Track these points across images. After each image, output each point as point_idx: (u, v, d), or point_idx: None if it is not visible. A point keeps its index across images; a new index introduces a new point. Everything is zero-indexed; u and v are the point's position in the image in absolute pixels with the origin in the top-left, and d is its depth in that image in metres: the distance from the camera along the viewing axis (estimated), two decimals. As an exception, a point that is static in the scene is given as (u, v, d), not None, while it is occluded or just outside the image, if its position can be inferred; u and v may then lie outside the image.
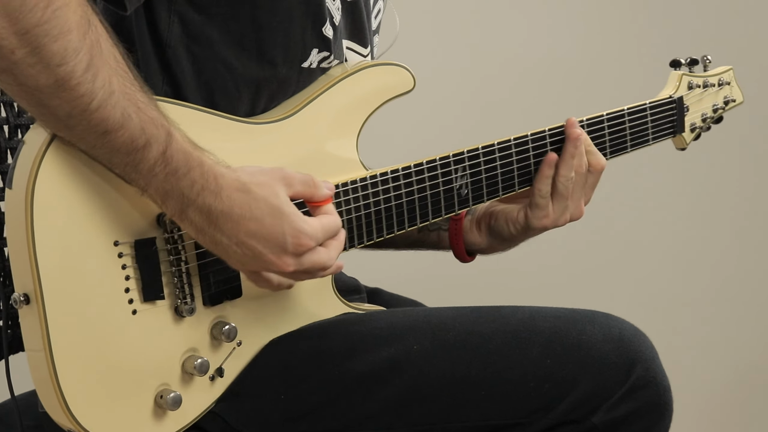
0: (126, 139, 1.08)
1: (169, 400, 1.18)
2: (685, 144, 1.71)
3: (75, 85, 1.04)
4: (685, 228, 2.87)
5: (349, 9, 1.39)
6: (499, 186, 1.45)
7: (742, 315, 2.93)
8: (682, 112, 1.68)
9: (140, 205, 1.16)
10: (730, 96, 1.77)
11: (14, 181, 1.10)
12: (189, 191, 1.12)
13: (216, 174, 1.13)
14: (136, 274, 1.15)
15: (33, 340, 1.12)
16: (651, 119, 1.62)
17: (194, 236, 1.16)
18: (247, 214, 1.14)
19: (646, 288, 2.84)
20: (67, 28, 1.02)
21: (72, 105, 1.05)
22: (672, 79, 1.69)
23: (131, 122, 1.08)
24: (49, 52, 1.02)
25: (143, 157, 1.09)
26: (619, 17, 2.74)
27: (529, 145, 1.46)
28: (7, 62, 1.01)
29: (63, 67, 1.03)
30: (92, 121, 1.06)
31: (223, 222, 1.13)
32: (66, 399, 1.12)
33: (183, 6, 1.24)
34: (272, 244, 1.15)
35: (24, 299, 1.11)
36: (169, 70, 1.27)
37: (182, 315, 1.19)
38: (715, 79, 1.73)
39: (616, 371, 1.25)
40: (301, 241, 1.16)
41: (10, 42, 1.00)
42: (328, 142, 1.33)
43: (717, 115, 1.75)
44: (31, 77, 1.02)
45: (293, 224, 1.16)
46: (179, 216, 1.13)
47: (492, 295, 1.83)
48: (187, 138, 1.13)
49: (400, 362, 1.27)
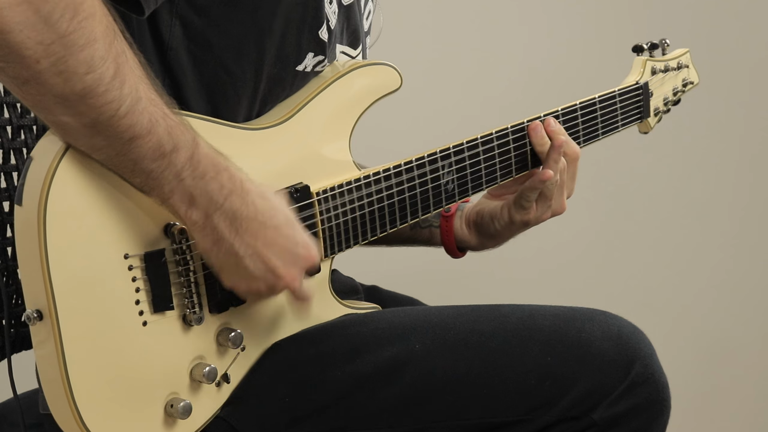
0: (153, 145, 1.08)
1: (180, 408, 1.18)
2: (649, 128, 1.74)
3: (103, 92, 1.04)
4: (682, 227, 2.90)
5: (345, 13, 1.39)
6: (482, 180, 1.47)
7: (739, 313, 2.97)
8: (648, 97, 1.71)
9: (148, 218, 1.16)
10: (688, 78, 1.81)
11: (24, 197, 1.10)
12: (217, 195, 1.13)
13: (241, 179, 1.15)
14: (146, 286, 1.16)
15: (46, 355, 1.12)
16: (620, 106, 1.64)
17: (209, 247, 1.16)
18: (268, 221, 1.16)
19: (643, 286, 2.88)
20: (93, 38, 1.02)
21: (99, 111, 1.05)
22: (636, 65, 1.72)
23: (159, 127, 1.08)
24: (76, 60, 1.02)
25: (171, 161, 1.10)
26: (619, 18, 2.75)
27: (509, 137, 1.48)
28: (32, 72, 1.01)
29: (91, 74, 1.03)
30: (120, 127, 1.06)
31: (245, 228, 1.14)
32: (81, 413, 1.12)
33: (184, 9, 1.24)
34: (286, 255, 1.17)
35: (37, 315, 1.10)
36: (170, 72, 1.26)
37: (190, 324, 1.20)
38: (674, 62, 1.76)
39: (615, 368, 1.28)
40: (311, 254, 1.19)
41: (34, 52, 1.00)
42: (322, 144, 1.34)
43: (676, 97, 1.79)
44: (56, 86, 1.02)
45: (305, 236, 1.19)
46: (203, 222, 1.13)
47: (491, 294, 1.85)
48: (209, 144, 1.14)
49: (402, 362, 1.28)
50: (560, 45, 2.71)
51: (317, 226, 1.29)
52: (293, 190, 1.27)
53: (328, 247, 1.32)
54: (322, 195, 1.30)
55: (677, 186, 2.85)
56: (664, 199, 2.86)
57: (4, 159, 1.41)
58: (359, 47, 1.45)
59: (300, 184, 1.29)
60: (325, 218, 1.31)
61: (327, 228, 1.31)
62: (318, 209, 1.30)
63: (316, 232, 1.29)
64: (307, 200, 1.29)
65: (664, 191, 2.85)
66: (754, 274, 2.97)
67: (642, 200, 2.83)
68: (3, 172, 1.41)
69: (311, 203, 1.29)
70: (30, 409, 1.35)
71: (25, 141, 1.43)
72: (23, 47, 0.99)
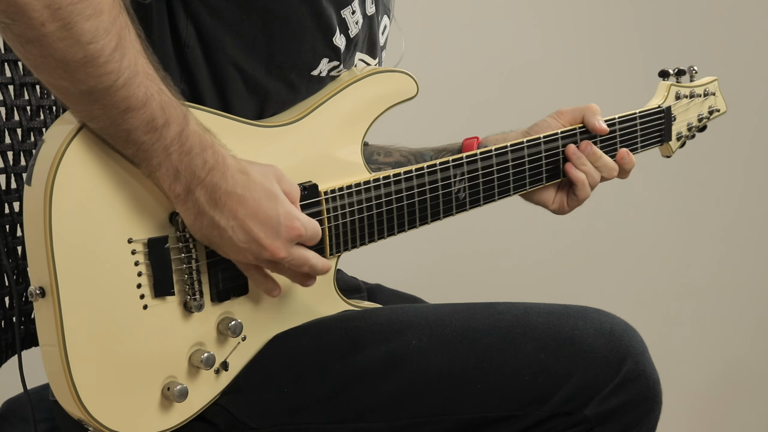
0: (147, 118, 1.12)
1: (176, 392, 1.21)
2: (671, 152, 1.75)
3: (103, 63, 1.08)
4: (673, 226, 2.92)
5: (368, 22, 1.43)
6: (495, 191, 1.49)
7: (729, 310, 2.98)
8: (670, 122, 1.72)
9: (154, 205, 1.19)
10: (715, 106, 1.81)
11: (33, 178, 1.13)
12: (200, 170, 1.16)
13: (223, 155, 1.18)
14: (148, 271, 1.19)
15: (47, 331, 1.15)
16: (640, 128, 1.66)
17: (191, 222, 1.19)
18: (246, 194, 1.19)
19: (635, 284, 2.89)
20: (99, 10, 1.07)
21: (97, 80, 1.09)
22: (660, 89, 1.74)
23: (153, 101, 1.12)
24: (81, 29, 1.06)
25: (161, 135, 1.14)
26: (614, 23, 2.79)
27: (524, 152, 1.51)
28: (36, 33, 1.05)
29: (93, 44, 1.07)
30: (117, 97, 1.10)
31: (225, 200, 1.18)
32: (77, 389, 1.15)
33: (197, 9, 1.28)
34: (267, 227, 1.20)
35: (40, 292, 1.14)
36: (187, 69, 1.30)
37: (191, 310, 1.23)
38: (701, 89, 1.78)
39: (607, 365, 1.29)
40: (293, 224, 1.21)
41: (41, 14, 1.04)
42: (334, 145, 1.37)
43: (702, 124, 1.80)
44: (59, 50, 1.06)
45: (287, 208, 1.21)
46: (184, 196, 1.17)
47: (487, 293, 1.87)
48: (198, 121, 1.18)
49: (399, 357, 1.30)
50: (562, 49, 2.75)
51: (323, 224, 1.32)
52: (302, 188, 1.29)
53: (333, 246, 1.34)
54: (329, 194, 1.33)
55: (670, 186, 2.87)
56: (656, 199, 2.88)
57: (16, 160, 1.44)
58: (377, 59, 1.49)
59: (309, 182, 1.31)
60: (331, 216, 1.33)
61: (333, 226, 1.33)
62: (325, 207, 1.32)
63: (322, 230, 1.31)
64: (314, 198, 1.31)
65: (657, 191, 2.87)
66: (746, 272, 2.98)
67: (636, 200, 2.85)
68: (14, 173, 1.45)
69: (318, 201, 1.32)
70: (39, 404, 1.39)
71: (45, 121, 1.47)
72: (30, 8, 1.03)
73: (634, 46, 2.58)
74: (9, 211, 1.44)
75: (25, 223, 1.15)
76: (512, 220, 2.45)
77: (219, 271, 1.25)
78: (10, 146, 1.44)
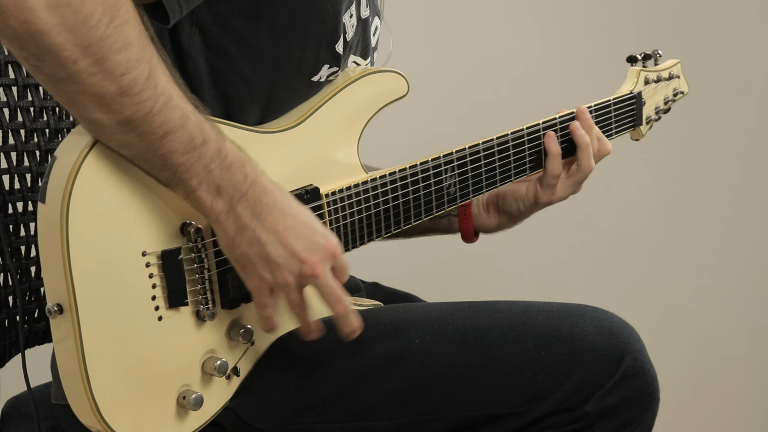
0: (185, 139, 1.12)
1: (191, 400, 1.22)
2: (641, 135, 1.80)
3: (138, 92, 1.07)
4: (670, 226, 2.96)
5: (362, 25, 1.43)
6: (483, 183, 1.52)
7: (727, 308, 3.03)
8: (641, 106, 1.77)
9: (165, 217, 1.19)
10: (679, 88, 1.86)
11: (48, 195, 1.13)
12: (241, 184, 1.16)
13: (260, 170, 1.19)
14: (162, 283, 1.19)
15: (65, 348, 1.15)
16: (614, 114, 1.70)
17: (231, 237, 1.18)
18: (287, 209, 1.19)
19: (634, 283, 2.93)
20: (128, 42, 1.06)
21: (135, 109, 1.08)
22: (630, 75, 1.78)
23: (190, 122, 1.12)
24: (113, 63, 1.05)
25: (201, 154, 1.13)
26: (611, 24, 2.81)
27: (509, 144, 1.54)
28: (69, 72, 1.04)
29: (126, 76, 1.06)
30: (154, 123, 1.10)
31: (266, 214, 1.17)
32: (97, 402, 1.15)
33: (204, 18, 1.27)
34: (306, 241, 1.19)
35: (57, 309, 1.13)
36: (188, 79, 1.29)
37: (203, 319, 1.23)
38: (666, 72, 1.82)
39: (606, 362, 1.32)
40: (331, 242, 1.21)
41: (72, 53, 1.03)
42: (332, 148, 1.38)
43: (667, 106, 1.84)
44: (92, 85, 1.05)
45: (322, 227, 1.22)
46: (226, 212, 1.16)
47: (487, 291, 1.89)
48: (230, 138, 1.18)
49: (402, 356, 1.32)
50: (553, 50, 2.76)
51: (326, 227, 1.32)
52: (304, 192, 1.30)
53: None
54: (331, 197, 1.34)
55: (667, 184, 2.91)
56: (654, 197, 2.92)
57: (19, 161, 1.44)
58: (368, 60, 1.49)
59: (310, 186, 1.32)
60: (333, 219, 1.34)
61: (336, 228, 1.35)
62: (327, 210, 1.34)
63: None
64: (317, 201, 1.32)
65: (654, 190, 2.91)
66: (742, 270, 3.03)
67: (633, 199, 2.89)
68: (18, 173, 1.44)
69: (321, 204, 1.33)
70: (42, 402, 1.39)
71: (48, 122, 1.46)
72: (61, 48, 1.02)
73: (631, 47, 2.58)
74: (12, 211, 1.44)
75: (40, 240, 1.15)
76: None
77: (229, 279, 1.26)
78: (13, 147, 1.43)
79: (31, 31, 1.00)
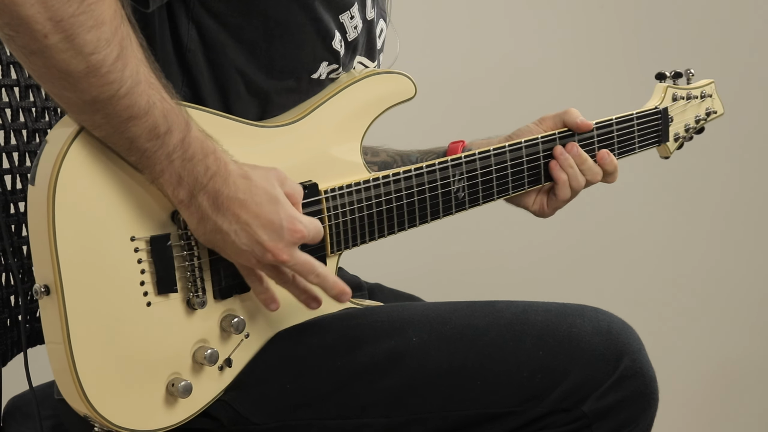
0: (149, 126, 1.14)
1: (180, 388, 1.23)
2: (668, 153, 1.77)
3: (105, 73, 1.09)
4: (669, 226, 2.93)
5: (367, 27, 1.44)
6: (494, 190, 1.51)
7: (725, 309, 2.99)
8: (667, 122, 1.74)
9: (156, 203, 1.21)
10: (712, 108, 1.82)
11: (37, 177, 1.15)
12: (202, 177, 1.18)
13: (225, 161, 1.20)
14: (150, 268, 1.21)
15: (52, 329, 1.17)
16: (638, 128, 1.68)
17: (195, 226, 1.21)
18: (248, 198, 1.20)
19: (632, 283, 2.91)
20: (101, 21, 1.08)
21: (100, 90, 1.10)
22: (657, 91, 1.75)
23: (155, 109, 1.14)
24: (83, 41, 1.07)
25: (164, 143, 1.15)
26: (611, 26, 2.80)
27: (522, 152, 1.53)
28: (39, 45, 1.06)
29: (95, 55, 1.08)
30: (119, 106, 1.12)
31: (227, 206, 1.19)
32: (83, 386, 1.17)
33: (199, 14, 1.29)
34: (270, 230, 1.21)
35: (44, 290, 1.16)
36: (188, 73, 1.32)
37: (194, 308, 1.24)
38: (697, 91, 1.79)
39: (604, 362, 1.31)
40: (296, 227, 1.22)
41: (43, 27, 1.05)
42: (333, 145, 1.39)
43: (699, 125, 1.81)
44: (62, 62, 1.08)
45: (289, 211, 1.23)
46: (188, 202, 1.19)
47: (487, 291, 1.88)
48: (200, 128, 1.20)
49: (400, 354, 1.32)
50: (558, 52, 2.76)
51: (324, 222, 1.34)
52: (302, 187, 1.31)
53: (335, 243, 1.36)
54: (329, 193, 1.35)
55: (667, 186, 2.88)
56: (654, 197, 2.89)
57: (21, 161, 1.47)
58: (375, 61, 1.51)
59: (309, 182, 1.33)
60: (331, 215, 1.35)
61: (333, 225, 1.35)
62: (325, 206, 1.34)
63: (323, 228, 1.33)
64: (315, 197, 1.33)
65: (654, 190, 2.88)
66: (741, 271, 2.98)
67: (633, 199, 2.86)
68: (20, 173, 1.47)
69: (319, 200, 1.34)
70: (45, 401, 1.41)
71: (50, 123, 1.49)
72: (33, 21, 1.05)
73: (632, 49, 2.59)
74: (15, 211, 1.46)
75: (29, 221, 1.17)
76: (511, 220, 2.45)
77: (221, 269, 1.27)
78: (15, 147, 1.46)
79: (6, 1, 1.03)
